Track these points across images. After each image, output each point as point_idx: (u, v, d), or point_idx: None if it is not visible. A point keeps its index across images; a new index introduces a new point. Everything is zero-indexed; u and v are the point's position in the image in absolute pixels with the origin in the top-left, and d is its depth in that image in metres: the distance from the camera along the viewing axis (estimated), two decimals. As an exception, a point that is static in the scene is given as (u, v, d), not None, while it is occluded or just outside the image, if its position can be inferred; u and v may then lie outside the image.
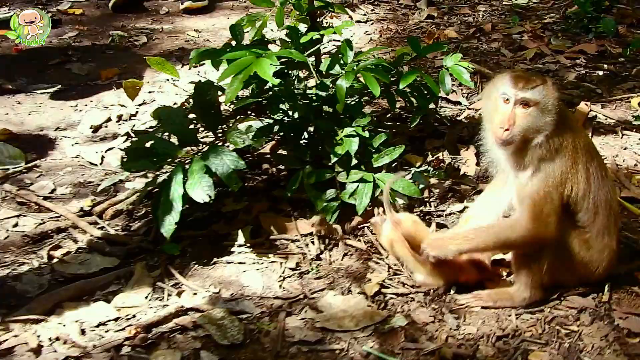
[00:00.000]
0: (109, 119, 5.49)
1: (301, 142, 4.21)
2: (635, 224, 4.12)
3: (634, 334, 3.32)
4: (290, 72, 4.39)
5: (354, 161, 3.94)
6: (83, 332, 3.35)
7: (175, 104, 5.47)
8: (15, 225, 4.17)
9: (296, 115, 4.21)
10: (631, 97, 5.66)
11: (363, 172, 3.88)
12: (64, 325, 3.37)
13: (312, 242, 3.97)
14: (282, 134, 4.29)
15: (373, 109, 5.23)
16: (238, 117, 4.24)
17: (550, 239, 3.35)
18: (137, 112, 5.59)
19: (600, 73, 6.20)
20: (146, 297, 3.60)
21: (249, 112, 4.31)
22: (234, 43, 4.36)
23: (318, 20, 4.55)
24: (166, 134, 4.05)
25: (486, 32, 7.18)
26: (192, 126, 4.16)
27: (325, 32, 4.00)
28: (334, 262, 3.85)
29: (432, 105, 4.92)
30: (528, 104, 3.30)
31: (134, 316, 3.46)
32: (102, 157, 4.95)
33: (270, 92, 4.11)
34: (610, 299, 3.54)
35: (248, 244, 3.94)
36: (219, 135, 4.03)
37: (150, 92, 5.87)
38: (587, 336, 3.32)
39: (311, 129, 4.27)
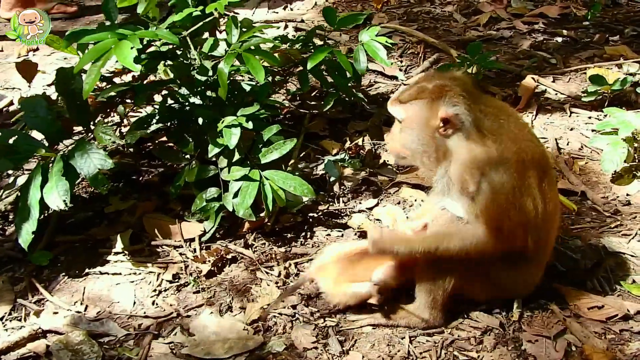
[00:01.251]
0: (11, 103, 4.99)
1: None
2: (567, 221, 3.62)
3: (540, 363, 2.85)
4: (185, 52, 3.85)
5: (237, 156, 3.42)
6: None
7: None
8: None
9: (187, 102, 3.72)
10: (588, 67, 5.04)
11: (247, 169, 3.37)
12: None
13: (194, 250, 3.51)
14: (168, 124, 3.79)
15: (297, 87, 4.68)
16: (109, 108, 3.74)
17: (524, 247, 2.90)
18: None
19: (559, 39, 5.59)
20: (2, 317, 3.21)
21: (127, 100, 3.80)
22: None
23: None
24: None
25: (442, -6, 6.55)
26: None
27: (208, 8, 3.45)
28: (218, 273, 3.40)
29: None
30: (399, 121, 2.92)
31: (-16, 341, 3.06)
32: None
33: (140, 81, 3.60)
34: (522, 316, 3.06)
35: (126, 252, 3.52)
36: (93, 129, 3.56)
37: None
38: (486, 364, 2.86)
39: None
